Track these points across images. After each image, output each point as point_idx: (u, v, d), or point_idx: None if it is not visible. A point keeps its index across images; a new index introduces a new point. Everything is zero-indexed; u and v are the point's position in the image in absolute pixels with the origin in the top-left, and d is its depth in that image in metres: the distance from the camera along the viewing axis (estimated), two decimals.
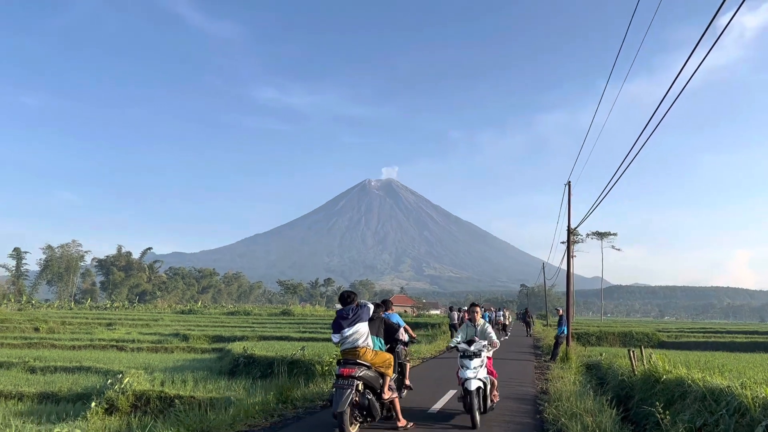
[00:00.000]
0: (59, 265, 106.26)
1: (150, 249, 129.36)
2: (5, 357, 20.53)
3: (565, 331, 21.79)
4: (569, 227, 25.01)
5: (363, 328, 7.87)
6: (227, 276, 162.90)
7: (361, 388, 7.48)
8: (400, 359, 10.16)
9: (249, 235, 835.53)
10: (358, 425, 7.75)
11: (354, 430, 7.60)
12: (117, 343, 27.41)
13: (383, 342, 9.34)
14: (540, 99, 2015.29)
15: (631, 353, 12.14)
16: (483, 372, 8.81)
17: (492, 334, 9.43)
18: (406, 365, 10.63)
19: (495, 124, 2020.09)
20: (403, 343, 10.41)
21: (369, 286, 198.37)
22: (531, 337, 36.78)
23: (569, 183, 25.12)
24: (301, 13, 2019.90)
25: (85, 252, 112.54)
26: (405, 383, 10.51)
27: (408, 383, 10.66)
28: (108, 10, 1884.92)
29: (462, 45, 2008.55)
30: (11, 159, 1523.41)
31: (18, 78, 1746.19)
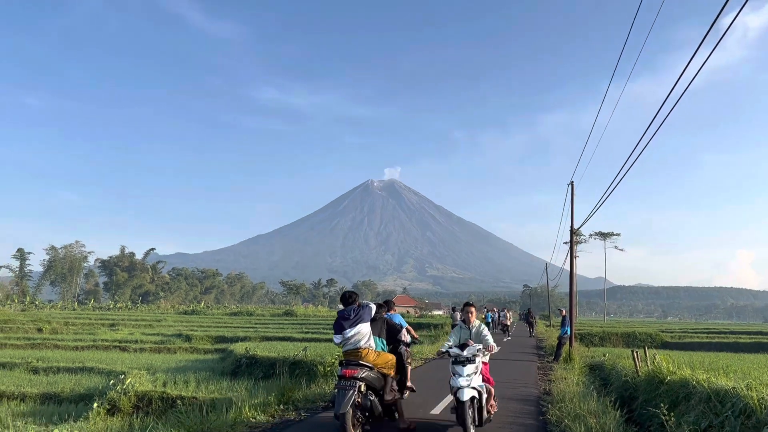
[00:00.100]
0: (62, 266, 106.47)
1: (153, 250, 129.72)
2: (8, 357, 20.56)
3: (569, 332, 21.74)
4: (572, 227, 24.94)
5: (365, 328, 7.84)
6: (230, 276, 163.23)
7: (364, 389, 7.45)
8: (402, 360, 10.11)
9: (251, 236, 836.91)
10: (360, 426, 7.71)
11: (356, 431, 7.57)
12: (120, 344, 27.42)
13: (385, 343, 9.30)
14: (542, 99, 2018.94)
15: (635, 354, 12.08)
16: (477, 380, 7.79)
17: (488, 336, 8.33)
18: (408, 366, 10.58)
19: (497, 124, 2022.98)
20: (405, 344, 10.35)
21: (372, 286, 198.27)
22: (534, 338, 36.74)
23: (572, 183, 25.05)
24: (302, 13, 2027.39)
25: (89, 253, 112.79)
26: (407, 384, 10.45)
27: (410, 384, 10.60)
28: (109, 10, 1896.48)
29: (463, 45, 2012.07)
30: (13, 159, 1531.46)
31: (20, 78, 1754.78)
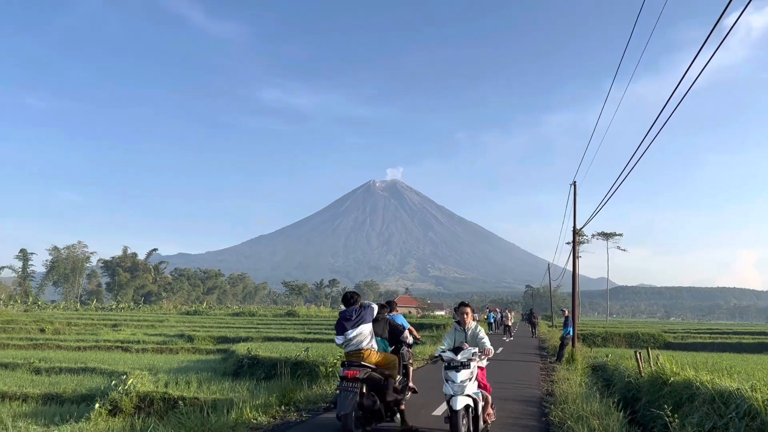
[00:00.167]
0: (65, 267, 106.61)
1: (155, 250, 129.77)
2: (11, 358, 20.57)
3: (571, 332, 21.68)
4: (575, 228, 24.89)
5: (367, 329, 7.80)
6: (232, 277, 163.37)
7: (366, 390, 7.42)
8: (404, 361, 10.08)
9: (254, 236, 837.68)
10: (362, 427, 7.68)
11: None
12: (122, 344, 27.42)
13: (388, 344, 9.26)
14: (545, 99, 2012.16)
15: (638, 355, 12.00)
16: (472, 386, 7.12)
17: (485, 339, 7.66)
18: (410, 367, 10.56)
19: (499, 124, 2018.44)
20: (408, 345, 10.33)
21: (374, 286, 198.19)
22: (536, 338, 36.69)
23: (575, 183, 25.00)
24: (304, 14, 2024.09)
25: (91, 253, 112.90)
26: (409, 385, 10.43)
27: (412, 385, 10.58)
28: (110, 10, 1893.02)
29: (465, 45, 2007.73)
30: (13, 159, 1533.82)
31: (20, 78, 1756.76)
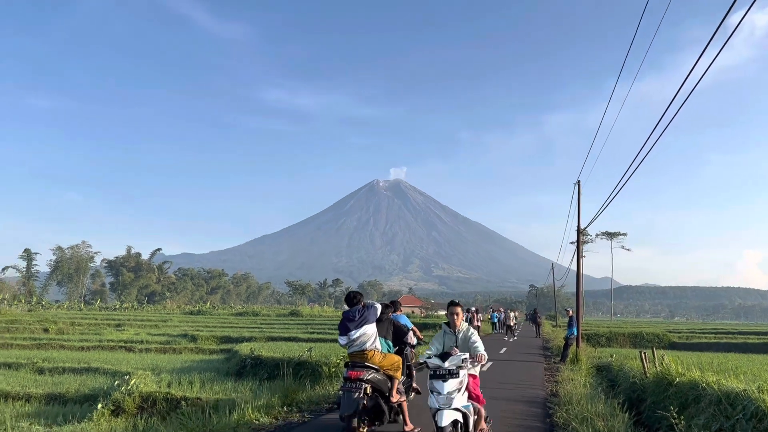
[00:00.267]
0: (69, 266, 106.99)
1: (159, 250, 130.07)
2: (14, 358, 20.58)
3: (575, 332, 21.55)
4: (579, 227, 24.75)
5: (370, 329, 7.74)
6: (236, 277, 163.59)
7: (369, 391, 7.36)
8: (408, 362, 10.02)
9: (257, 236, 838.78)
10: (365, 428, 7.63)
11: None
12: (126, 344, 27.43)
13: (391, 344, 9.22)
14: (548, 99, 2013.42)
15: (643, 355, 11.91)
16: (462, 399, 6.00)
17: (478, 343, 6.61)
18: (414, 368, 10.50)
19: (502, 124, 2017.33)
20: (411, 346, 10.27)
21: (377, 286, 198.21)
22: (540, 338, 36.59)
23: (578, 182, 24.85)
24: (307, 14, 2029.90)
25: (95, 253, 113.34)
26: (413, 386, 10.37)
27: (416, 386, 10.52)
28: (114, 10, 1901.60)
29: (468, 45, 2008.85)
30: (16, 159, 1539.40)
31: (23, 79, 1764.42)
